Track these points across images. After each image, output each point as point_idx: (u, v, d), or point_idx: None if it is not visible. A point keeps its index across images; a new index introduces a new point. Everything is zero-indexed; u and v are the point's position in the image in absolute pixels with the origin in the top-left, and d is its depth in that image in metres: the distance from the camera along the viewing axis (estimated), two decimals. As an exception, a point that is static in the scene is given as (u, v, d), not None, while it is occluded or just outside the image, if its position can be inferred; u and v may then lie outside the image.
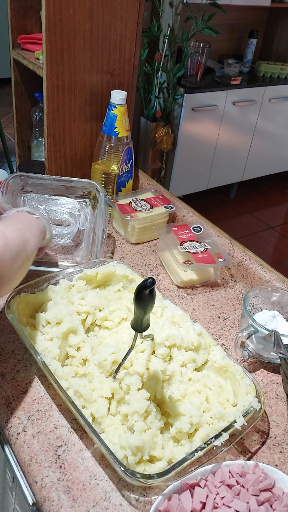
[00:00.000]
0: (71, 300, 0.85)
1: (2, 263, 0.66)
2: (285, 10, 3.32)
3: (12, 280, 0.71)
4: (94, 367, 0.75)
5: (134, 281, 0.92)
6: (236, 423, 0.68)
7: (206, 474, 0.64)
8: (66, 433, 0.71)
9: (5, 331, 0.86)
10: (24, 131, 1.41)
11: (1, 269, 0.65)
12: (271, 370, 0.87)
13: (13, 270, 0.69)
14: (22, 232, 0.76)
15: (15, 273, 0.71)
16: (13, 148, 1.53)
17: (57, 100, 1.12)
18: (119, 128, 1.15)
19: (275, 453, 0.72)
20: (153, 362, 0.74)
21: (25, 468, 0.67)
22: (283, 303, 0.92)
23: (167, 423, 0.71)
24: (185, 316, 0.84)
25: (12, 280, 0.71)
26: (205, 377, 0.78)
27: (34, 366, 0.81)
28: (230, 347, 0.91)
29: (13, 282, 0.72)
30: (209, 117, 2.95)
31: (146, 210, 1.16)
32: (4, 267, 0.66)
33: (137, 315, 0.66)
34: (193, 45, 2.64)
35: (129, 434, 0.67)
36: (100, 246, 1.01)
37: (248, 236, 3.15)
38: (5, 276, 0.67)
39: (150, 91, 2.68)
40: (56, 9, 1.01)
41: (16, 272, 0.71)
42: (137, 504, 0.64)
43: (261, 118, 3.21)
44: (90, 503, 0.63)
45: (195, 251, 1.05)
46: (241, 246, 1.12)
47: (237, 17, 3.25)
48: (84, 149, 1.23)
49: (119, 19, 1.12)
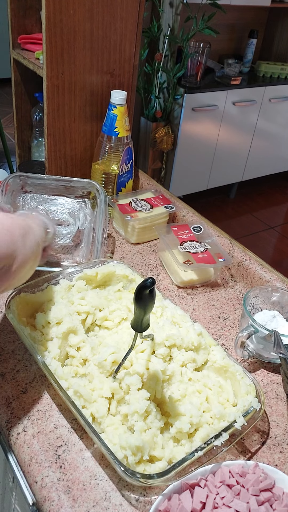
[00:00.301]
0: (71, 300, 0.85)
1: (13, 237, 0.63)
2: (285, 10, 3.32)
3: (27, 261, 0.67)
4: (94, 367, 0.75)
5: (134, 281, 0.92)
6: (236, 423, 0.68)
7: (206, 474, 0.64)
8: (66, 433, 0.71)
9: (5, 331, 0.86)
10: (24, 131, 1.42)
11: (14, 244, 0.63)
12: (271, 370, 0.87)
13: (26, 248, 0.67)
14: (26, 219, 0.75)
15: (28, 254, 0.67)
16: (13, 148, 1.53)
17: (57, 100, 1.12)
18: (119, 128, 1.15)
19: (275, 453, 0.72)
20: (153, 362, 0.74)
21: (25, 468, 0.67)
22: (283, 303, 0.92)
23: (167, 423, 0.71)
24: (185, 316, 0.84)
25: (27, 262, 0.67)
26: (205, 377, 0.78)
27: (34, 366, 0.81)
28: (230, 347, 0.91)
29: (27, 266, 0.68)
30: (209, 117, 2.95)
31: (146, 210, 1.16)
32: (16, 241, 0.64)
33: (137, 315, 0.66)
34: (193, 45, 2.64)
35: (129, 434, 0.67)
36: (100, 246, 1.01)
37: (248, 236, 3.15)
38: (20, 253, 0.64)
39: (150, 91, 2.68)
40: (56, 9, 1.01)
41: (29, 253, 0.68)
42: (137, 504, 0.64)
43: (261, 118, 3.21)
44: (90, 503, 0.63)
45: (195, 251, 1.05)
46: (241, 246, 1.12)
47: (237, 17, 3.25)
48: (84, 149, 1.23)
49: (119, 19, 1.12)
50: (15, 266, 0.64)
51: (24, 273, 0.69)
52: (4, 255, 0.62)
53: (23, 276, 0.70)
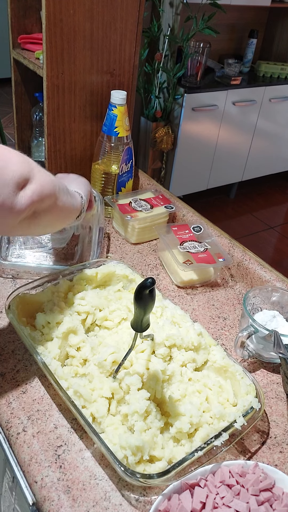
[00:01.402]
0: (71, 300, 0.85)
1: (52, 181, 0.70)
2: (285, 10, 3.32)
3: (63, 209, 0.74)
4: (94, 367, 0.75)
5: (134, 281, 0.92)
6: (236, 423, 0.68)
7: (206, 474, 0.64)
8: (66, 433, 0.71)
9: (5, 331, 0.87)
10: (24, 131, 1.42)
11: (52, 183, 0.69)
12: (271, 370, 0.87)
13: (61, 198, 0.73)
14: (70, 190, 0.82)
15: (63, 202, 0.74)
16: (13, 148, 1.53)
17: (57, 100, 1.12)
18: (119, 128, 1.15)
19: (275, 453, 0.72)
20: (153, 362, 0.74)
21: (25, 468, 0.67)
22: (283, 303, 0.92)
23: (167, 423, 0.71)
24: (185, 316, 0.85)
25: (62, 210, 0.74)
26: (205, 377, 0.78)
27: (34, 366, 0.81)
28: (230, 347, 0.91)
29: (63, 213, 0.76)
30: (209, 117, 2.95)
31: (146, 210, 1.16)
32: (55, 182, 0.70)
33: (137, 315, 0.66)
34: (193, 45, 2.64)
35: (129, 434, 0.67)
36: (98, 247, 1.02)
37: (248, 236, 3.15)
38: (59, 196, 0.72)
39: (150, 91, 2.68)
40: (56, 9, 1.01)
41: (64, 202, 0.74)
42: (137, 504, 0.64)
43: (261, 118, 3.21)
44: (90, 503, 0.63)
45: (195, 251, 1.05)
46: (241, 246, 1.12)
47: (237, 17, 3.25)
48: (84, 149, 1.23)
49: (119, 19, 1.12)
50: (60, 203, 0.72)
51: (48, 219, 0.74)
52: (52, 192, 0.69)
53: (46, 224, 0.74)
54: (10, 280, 0.98)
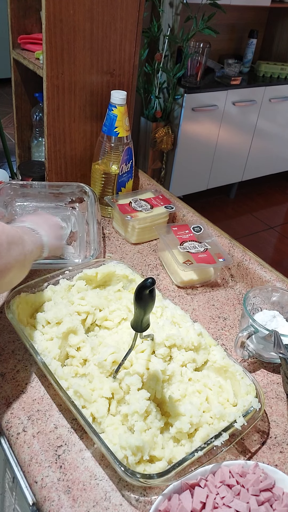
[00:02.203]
0: (71, 300, 0.85)
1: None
2: (285, 10, 3.32)
3: (9, 269, 0.68)
4: (94, 367, 0.75)
5: (134, 281, 0.92)
6: (236, 423, 0.68)
7: (206, 474, 0.64)
8: (66, 433, 0.71)
9: (5, 331, 0.87)
10: (24, 131, 1.42)
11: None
12: (271, 370, 0.87)
13: (10, 255, 0.68)
14: (19, 231, 0.76)
15: (11, 261, 0.69)
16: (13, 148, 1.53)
17: (57, 100, 1.12)
18: (119, 128, 1.15)
19: (275, 453, 0.72)
20: (153, 362, 0.74)
21: (25, 468, 0.67)
22: (283, 303, 0.92)
23: (167, 423, 0.71)
24: (185, 316, 0.84)
25: (9, 270, 0.69)
26: (205, 377, 0.78)
27: (34, 366, 0.81)
28: (230, 347, 0.91)
29: (10, 273, 0.70)
30: (209, 117, 2.95)
31: (146, 210, 1.16)
32: (1, 245, 0.66)
33: (137, 315, 0.66)
34: (193, 45, 2.64)
35: (129, 434, 0.67)
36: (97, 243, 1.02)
37: (248, 236, 3.15)
38: (2, 258, 0.66)
39: (150, 91, 2.68)
40: (56, 9, 1.01)
41: (12, 261, 0.69)
42: (137, 504, 0.64)
43: (261, 118, 3.21)
44: (90, 503, 0.63)
45: (195, 251, 1.05)
46: (241, 246, 1.12)
47: (237, 17, 3.25)
48: (84, 149, 1.23)
49: (119, 19, 1.12)
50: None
51: (7, 279, 0.70)
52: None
53: (6, 282, 0.71)
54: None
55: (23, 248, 0.74)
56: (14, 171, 2.22)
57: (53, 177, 1.22)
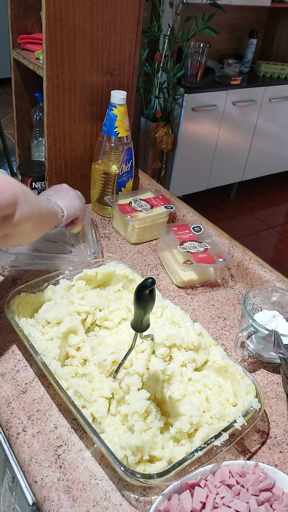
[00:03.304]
0: (71, 300, 0.85)
1: (16, 191, 0.69)
2: (285, 10, 3.32)
3: (28, 217, 0.72)
4: (94, 367, 0.75)
5: (134, 281, 0.92)
6: (236, 423, 0.68)
7: (206, 474, 0.64)
8: (66, 433, 0.71)
9: (5, 331, 0.87)
10: (24, 131, 1.41)
11: (17, 196, 0.69)
12: (271, 370, 0.87)
13: (28, 205, 0.72)
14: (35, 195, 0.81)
15: (28, 211, 0.72)
16: (13, 148, 1.53)
17: (57, 100, 1.12)
18: (119, 128, 1.15)
19: (275, 453, 0.72)
20: (153, 362, 0.74)
21: (25, 468, 0.67)
22: (283, 303, 0.92)
23: (167, 423, 0.71)
24: (185, 316, 0.84)
25: (28, 218, 0.72)
26: (205, 377, 0.78)
27: (34, 366, 0.81)
28: (230, 347, 0.91)
29: (27, 223, 0.73)
30: (209, 117, 2.95)
31: (146, 210, 1.16)
32: (19, 196, 0.69)
33: (137, 315, 0.66)
34: (193, 45, 2.64)
35: (129, 434, 0.67)
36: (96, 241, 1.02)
37: (248, 236, 3.15)
38: (22, 206, 0.70)
39: (150, 91, 2.68)
40: (56, 9, 1.01)
41: (29, 211, 0.72)
42: (137, 504, 0.64)
43: (261, 118, 3.21)
44: (90, 503, 0.63)
45: (195, 251, 1.05)
46: (241, 246, 1.12)
47: (237, 17, 3.25)
48: (84, 149, 1.23)
49: (119, 19, 1.12)
50: (17, 217, 0.70)
51: (25, 229, 0.74)
52: (8, 202, 0.68)
53: (24, 232, 0.75)
54: (10, 280, 0.98)
55: (39, 204, 0.78)
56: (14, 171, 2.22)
57: (53, 177, 1.22)
